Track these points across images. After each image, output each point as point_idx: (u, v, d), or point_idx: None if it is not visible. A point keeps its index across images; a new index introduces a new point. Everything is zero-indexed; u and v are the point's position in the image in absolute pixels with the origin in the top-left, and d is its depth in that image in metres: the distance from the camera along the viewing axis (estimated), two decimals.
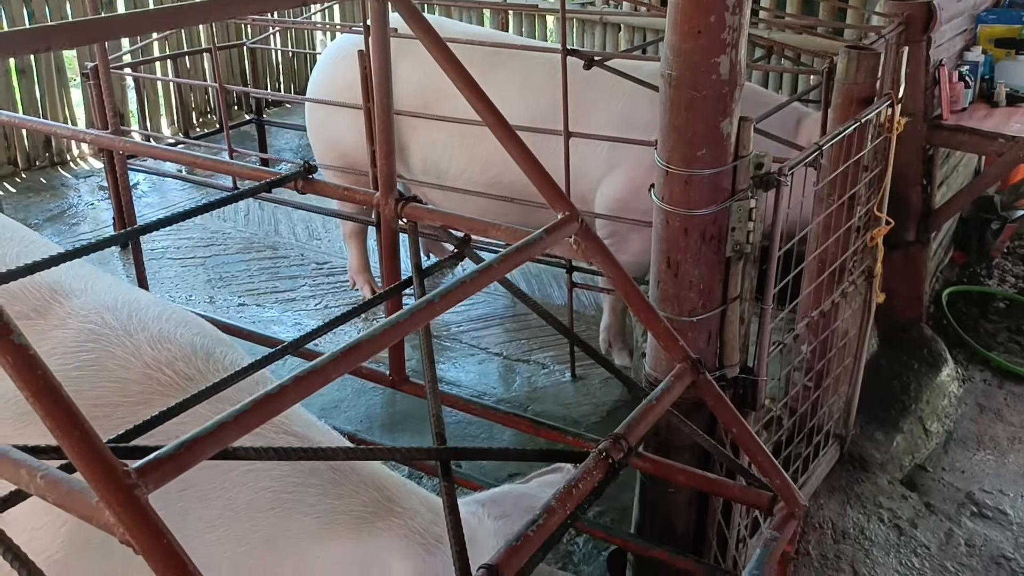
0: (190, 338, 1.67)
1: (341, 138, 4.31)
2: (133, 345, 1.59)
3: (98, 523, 1.01)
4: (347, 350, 1.23)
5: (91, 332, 1.61)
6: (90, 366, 1.56)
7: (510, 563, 1.19)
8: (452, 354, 4.31)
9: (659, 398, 1.58)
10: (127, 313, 1.67)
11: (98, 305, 1.67)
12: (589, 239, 1.69)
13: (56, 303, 1.67)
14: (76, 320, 1.63)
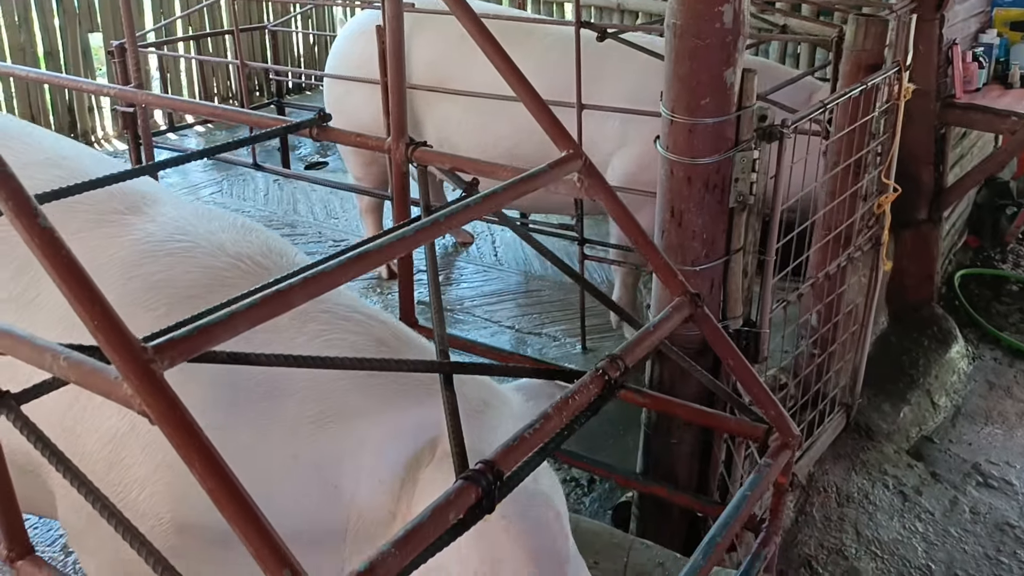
0: (264, 239, 1.82)
1: (358, 113, 4.38)
2: (217, 240, 1.75)
3: (117, 397, 1.08)
4: (355, 257, 1.29)
5: (178, 228, 1.76)
6: (180, 254, 1.71)
7: (506, 460, 1.25)
8: (465, 327, 4.37)
9: (657, 326, 1.63)
10: (209, 217, 1.84)
11: (183, 210, 1.84)
12: (593, 177, 1.74)
13: (146, 206, 1.83)
14: (165, 218, 1.79)
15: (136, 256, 1.74)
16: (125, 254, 1.75)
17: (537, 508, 1.49)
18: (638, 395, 1.93)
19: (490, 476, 1.21)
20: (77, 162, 1.98)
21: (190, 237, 1.77)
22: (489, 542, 1.43)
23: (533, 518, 1.48)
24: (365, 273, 1.34)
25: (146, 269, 1.71)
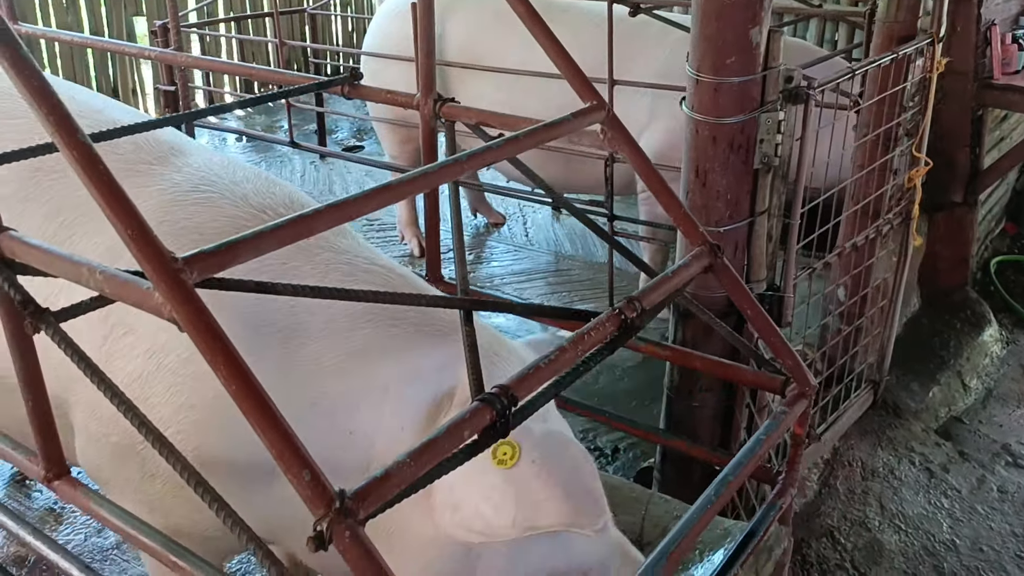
0: (288, 192, 1.89)
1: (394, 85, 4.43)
2: (241, 192, 1.81)
3: (148, 307, 1.13)
4: (380, 188, 1.34)
5: (204, 178, 1.82)
6: (205, 203, 1.77)
7: (520, 386, 1.28)
8: None
9: (676, 272, 1.65)
10: (233, 169, 1.89)
11: (209, 161, 1.90)
12: (615, 128, 1.77)
13: (174, 156, 1.88)
14: (191, 169, 1.85)
15: (163, 205, 1.79)
16: (153, 203, 1.80)
17: (562, 448, 1.52)
18: (658, 347, 1.96)
19: (504, 400, 1.25)
20: (107, 114, 2.05)
21: (215, 188, 1.82)
22: (523, 487, 1.46)
23: (563, 459, 1.50)
24: (388, 205, 1.38)
25: (172, 216, 1.76)
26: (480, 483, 1.48)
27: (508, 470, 1.48)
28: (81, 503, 1.48)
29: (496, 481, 1.47)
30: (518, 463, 1.48)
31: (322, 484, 1.05)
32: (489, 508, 1.47)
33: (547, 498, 1.45)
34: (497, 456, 1.48)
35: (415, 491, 1.17)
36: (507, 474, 1.47)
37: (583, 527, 1.48)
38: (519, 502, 1.46)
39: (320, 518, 1.04)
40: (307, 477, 1.05)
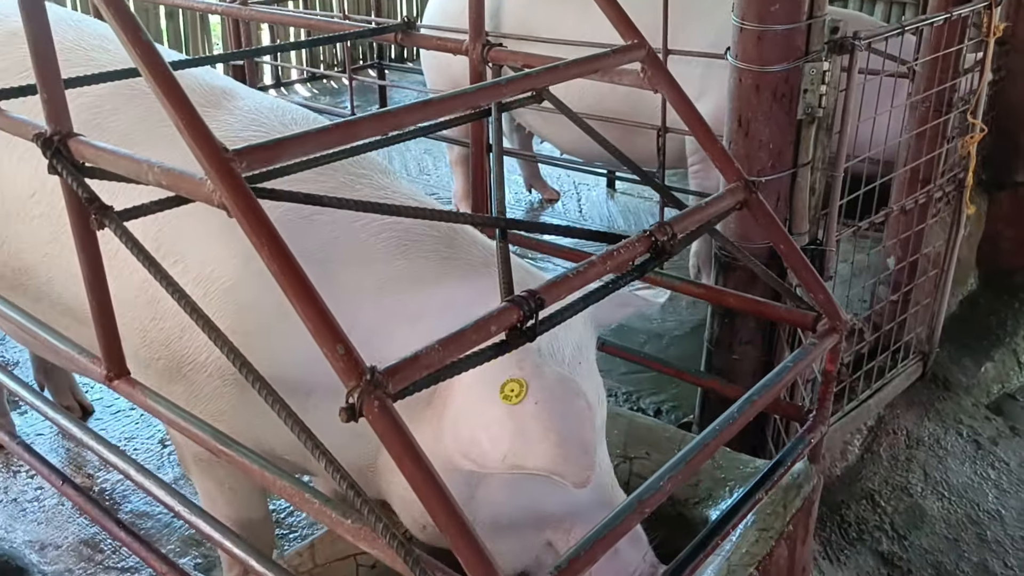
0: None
1: (452, 63, 4.52)
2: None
3: (201, 196, 1.22)
4: (420, 103, 1.41)
5: (255, 119, 1.90)
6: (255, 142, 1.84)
7: (549, 292, 1.34)
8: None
9: (709, 203, 1.69)
10: (282, 111, 1.97)
11: (260, 104, 1.98)
12: (655, 68, 1.81)
13: (226, 100, 1.97)
14: (242, 111, 1.93)
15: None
16: None
17: (569, 396, 1.51)
18: (693, 286, 2.00)
19: (532, 303, 1.31)
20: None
21: (265, 128, 1.89)
22: (520, 425, 1.47)
23: (566, 406, 1.49)
24: (426, 120, 1.44)
25: None
26: (483, 413, 1.50)
27: (512, 406, 1.49)
28: (139, 400, 1.59)
29: (498, 414, 1.49)
30: (523, 401, 1.49)
31: (355, 357, 1.13)
32: (486, 439, 1.49)
33: (539, 441, 1.45)
34: (504, 391, 1.50)
35: (442, 379, 1.23)
36: (510, 410, 1.48)
37: (567, 477, 1.45)
38: (513, 439, 1.47)
39: (352, 389, 1.11)
40: (341, 351, 1.13)
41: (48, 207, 1.97)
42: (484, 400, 1.50)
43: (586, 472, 1.45)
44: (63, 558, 2.62)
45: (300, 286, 1.14)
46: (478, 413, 1.51)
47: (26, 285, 2.07)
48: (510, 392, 1.50)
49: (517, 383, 1.50)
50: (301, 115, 2.01)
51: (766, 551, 1.74)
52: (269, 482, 1.38)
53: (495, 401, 1.49)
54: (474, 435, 1.52)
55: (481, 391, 1.51)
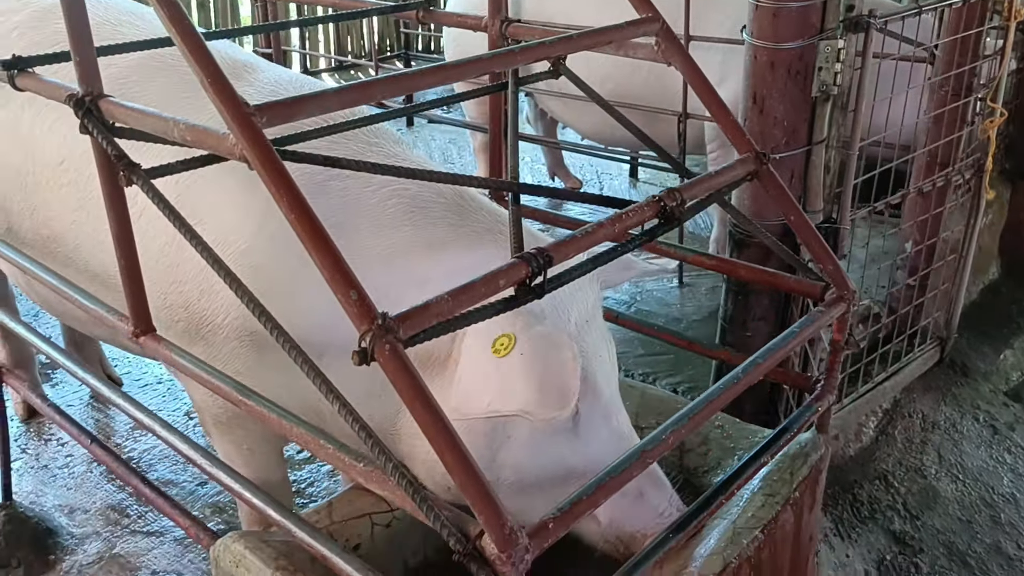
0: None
1: (473, 49, 4.57)
2: None
3: (223, 149, 1.28)
4: (436, 67, 1.45)
5: (273, 91, 1.95)
6: None
7: (557, 250, 1.38)
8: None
9: (720, 172, 1.73)
10: (300, 83, 2.05)
11: (279, 76, 2.04)
12: (669, 40, 1.85)
13: (248, 73, 2.03)
14: (262, 83, 1.99)
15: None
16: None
17: (554, 348, 1.55)
18: (705, 257, 2.03)
19: (540, 260, 1.35)
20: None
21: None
22: (504, 374, 1.53)
23: (549, 356, 1.53)
24: (440, 84, 1.49)
25: None
26: (475, 365, 1.57)
27: (499, 359, 1.54)
28: (163, 355, 1.65)
29: (487, 367, 1.55)
30: (510, 354, 1.54)
31: (367, 303, 1.18)
32: (473, 389, 1.56)
33: (521, 388, 1.51)
34: (495, 345, 1.55)
35: (451, 329, 1.27)
36: (498, 362, 1.54)
37: (538, 415, 1.52)
38: (497, 387, 1.53)
39: (364, 333, 1.16)
40: (354, 296, 1.18)
41: (76, 174, 2.03)
42: (478, 355, 1.57)
43: (561, 409, 1.51)
44: (91, 521, 2.70)
45: (317, 235, 1.20)
46: (471, 366, 1.58)
47: (55, 253, 2.14)
48: (500, 346, 1.56)
49: (507, 337, 1.56)
50: (320, 87, 2.06)
51: (772, 515, 1.77)
52: (286, 429, 1.44)
53: (486, 355, 1.55)
54: (467, 388, 1.58)
55: (477, 347, 1.58)
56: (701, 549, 1.69)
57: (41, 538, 2.58)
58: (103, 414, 3.23)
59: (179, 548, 2.60)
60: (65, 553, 2.57)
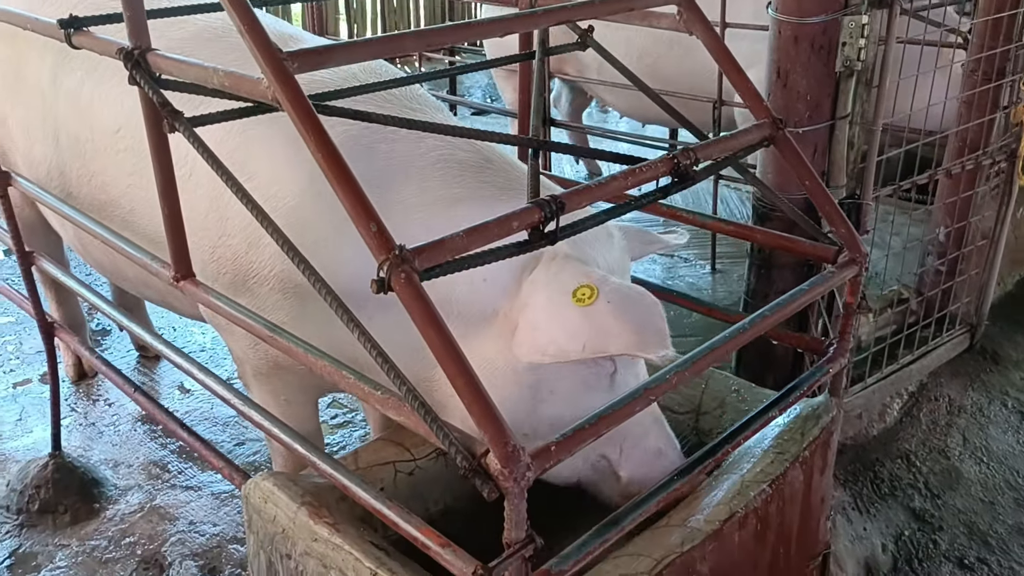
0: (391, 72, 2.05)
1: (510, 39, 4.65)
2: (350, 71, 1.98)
3: (257, 93, 1.37)
4: (463, 24, 1.54)
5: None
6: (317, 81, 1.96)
7: (570, 198, 1.45)
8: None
9: (735, 134, 1.78)
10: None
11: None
12: (691, 11, 1.91)
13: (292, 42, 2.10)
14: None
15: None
16: None
17: (637, 294, 1.66)
18: (722, 223, 2.08)
19: (553, 206, 1.42)
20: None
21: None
22: (598, 320, 1.62)
23: (636, 302, 1.64)
24: (464, 40, 1.57)
25: None
26: (559, 315, 1.66)
27: (585, 307, 1.64)
28: (201, 298, 1.76)
29: (573, 315, 1.64)
30: (596, 302, 1.64)
31: (386, 235, 1.26)
32: (563, 335, 1.64)
33: (619, 330, 1.60)
34: (576, 295, 1.65)
35: (465, 267, 1.35)
36: (584, 310, 1.64)
37: (647, 353, 1.60)
38: (592, 331, 1.62)
39: (382, 263, 1.24)
40: (373, 228, 1.26)
41: (132, 140, 2.15)
42: (558, 306, 1.66)
43: (663, 350, 1.59)
44: (133, 475, 2.83)
45: (340, 171, 1.28)
46: (553, 317, 1.66)
47: (110, 217, 2.26)
48: (582, 295, 1.66)
49: (588, 288, 1.66)
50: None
51: (780, 471, 1.82)
52: (311, 363, 1.53)
53: (568, 304, 1.65)
54: (551, 336, 1.66)
55: (554, 301, 1.67)
56: (709, 499, 1.75)
57: (87, 487, 2.72)
58: (148, 378, 3.37)
59: (215, 502, 2.72)
60: (109, 502, 2.71)
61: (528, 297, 1.71)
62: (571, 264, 1.71)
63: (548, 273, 1.72)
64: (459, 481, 2.11)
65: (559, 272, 1.70)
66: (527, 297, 1.71)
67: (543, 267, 1.73)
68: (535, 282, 1.72)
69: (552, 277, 1.70)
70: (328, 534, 1.67)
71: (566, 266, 1.71)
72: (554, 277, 1.70)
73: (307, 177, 1.86)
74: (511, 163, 1.89)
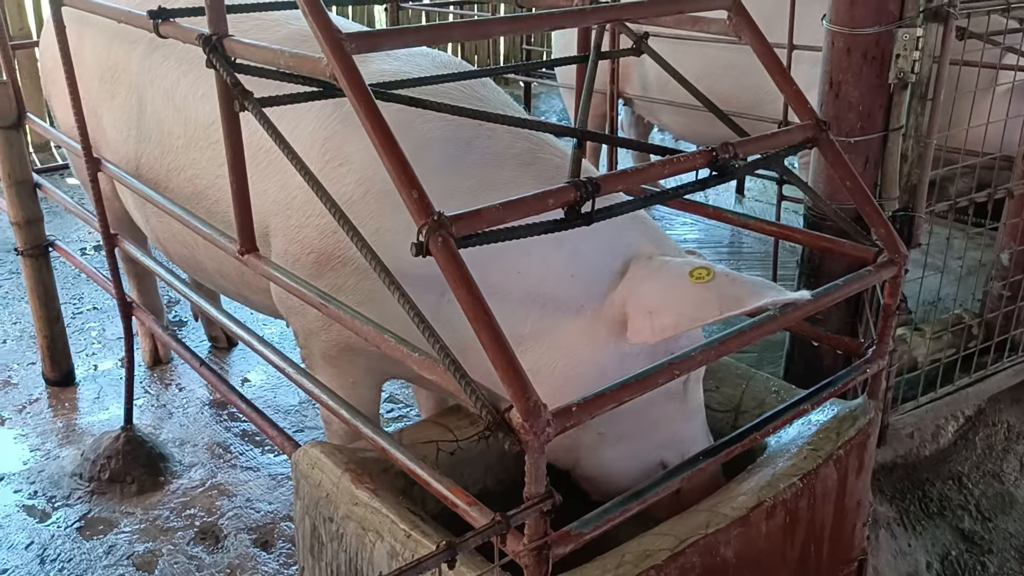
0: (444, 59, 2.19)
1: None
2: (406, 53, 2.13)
3: (317, 71, 1.49)
4: (513, 17, 1.63)
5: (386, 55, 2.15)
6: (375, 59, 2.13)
7: (605, 180, 1.53)
8: None
9: (777, 135, 1.83)
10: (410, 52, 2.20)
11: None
12: (741, 15, 1.97)
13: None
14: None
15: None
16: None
17: (743, 277, 1.75)
18: (765, 224, 2.12)
19: (589, 187, 1.50)
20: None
21: (391, 56, 2.15)
22: (724, 290, 1.71)
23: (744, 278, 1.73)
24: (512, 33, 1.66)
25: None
26: (685, 293, 1.75)
27: (707, 283, 1.75)
28: (264, 271, 1.88)
29: (698, 290, 1.74)
30: (715, 278, 1.74)
31: (427, 202, 1.35)
32: (692, 307, 1.73)
33: (747, 292, 1.68)
34: (694, 275, 1.77)
35: (501, 239, 1.43)
36: (708, 284, 1.74)
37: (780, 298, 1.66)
38: (723, 297, 1.71)
39: (421, 227, 1.33)
40: (415, 195, 1.36)
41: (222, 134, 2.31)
42: (680, 287, 1.77)
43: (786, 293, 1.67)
44: (198, 454, 2.98)
45: (386, 141, 1.38)
46: (678, 296, 1.76)
47: (196, 209, 2.40)
48: (700, 275, 1.77)
49: (704, 269, 1.77)
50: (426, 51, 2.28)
51: (812, 467, 1.84)
52: (357, 328, 1.63)
53: (690, 284, 1.76)
54: (679, 311, 1.75)
55: (674, 284, 1.78)
56: (739, 489, 1.78)
57: (154, 461, 2.87)
58: (217, 367, 3.53)
59: (272, 483, 2.84)
60: (173, 477, 2.86)
61: (631, 290, 1.82)
62: (674, 258, 1.86)
63: (651, 267, 1.84)
64: (499, 464, 2.19)
65: (664, 263, 1.83)
66: (629, 290, 1.82)
67: (642, 264, 1.85)
68: (636, 277, 1.83)
69: (658, 268, 1.83)
70: (368, 498, 1.76)
71: (669, 260, 1.85)
72: (662, 267, 1.83)
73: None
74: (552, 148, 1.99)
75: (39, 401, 3.30)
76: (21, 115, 3.03)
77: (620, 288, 1.83)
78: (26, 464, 2.94)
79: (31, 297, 3.25)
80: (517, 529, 1.33)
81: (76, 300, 4.07)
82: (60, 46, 2.43)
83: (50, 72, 3.01)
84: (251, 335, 2.09)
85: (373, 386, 2.35)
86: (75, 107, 2.48)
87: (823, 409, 2.00)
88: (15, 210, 3.10)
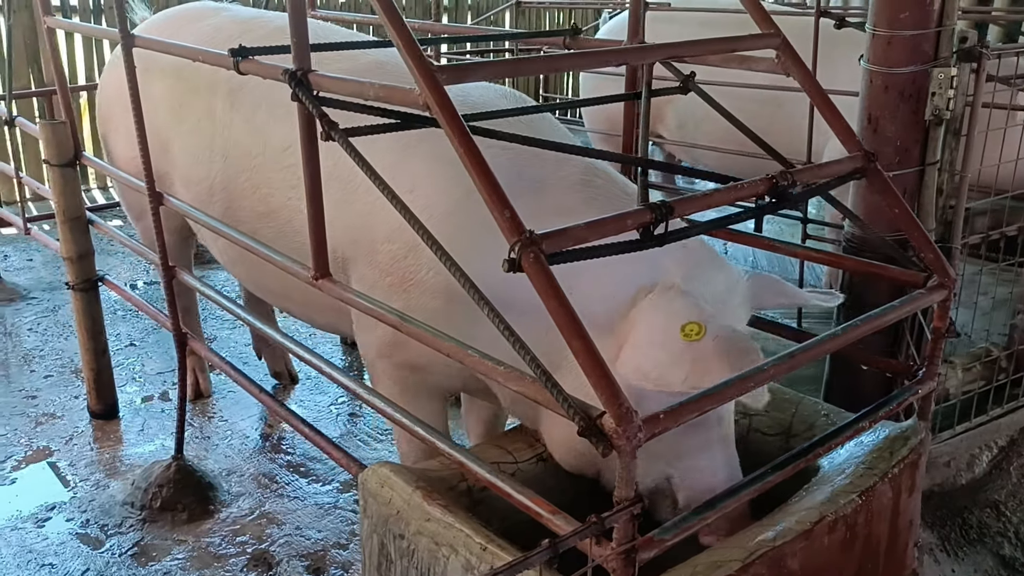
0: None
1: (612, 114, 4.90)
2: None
3: (410, 101, 1.58)
4: (575, 53, 1.74)
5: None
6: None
7: (679, 204, 1.61)
8: None
9: (828, 165, 1.93)
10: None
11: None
12: (789, 55, 2.08)
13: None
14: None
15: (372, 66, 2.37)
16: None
17: (743, 342, 1.76)
18: (812, 251, 2.20)
19: (663, 209, 1.58)
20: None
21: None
22: (700, 357, 1.74)
23: (739, 347, 1.74)
24: (580, 67, 1.77)
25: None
26: (665, 346, 1.78)
27: (692, 342, 1.76)
28: (337, 294, 1.96)
29: (680, 348, 1.77)
30: (703, 339, 1.76)
31: (518, 220, 1.44)
32: (667, 362, 1.77)
33: (719, 372, 1.68)
34: (685, 331, 1.78)
35: (585, 257, 1.51)
36: (690, 345, 1.76)
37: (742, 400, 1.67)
38: (694, 367, 1.73)
39: (513, 244, 1.42)
40: (507, 215, 1.44)
41: (297, 158, 2.39)
42: (666, 336, 1.79)
43: (761, 398, 1.70)
44: (244, 483, 3.03)
45: (479, 165, 1.47)
46: (660, 345, 1.79)
47: (264, 230, 2.49)
48: (690, 331, 1.78)
49: (696, 325, 1.78)
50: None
51: (870, 484, 1.90)
52: (439, 345, 1.70)
53: (676, 339, 1.78)
54: (656, 360, 1.78)
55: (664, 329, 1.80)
56: (801, 504, 1.84)
57: (203, 490, 2.92)
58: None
59: (320, 511, 2.89)
60: (222, 505, 2.90)
61: (637, 319, 1.84)
62: (684, 297, 1.83)
63: (662, 300, 1.84)
64: (558, 488, 2.24)
65: (672, 302, 1.83)
66: (636, 319, 1.84)
67: (658, 294, 1.86)
68: (647, 308, 1.85)
69: (665, 305, 1.83)
70: (441, 514, 1.81)
71: (679, 299, 1.83)
72: (667, 305, 1.83)
73: (464, 188, 1.97)
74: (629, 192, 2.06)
75: (84, 433, 3.35)
76: (78, 153, 3.14)
77: (631, 314, 1.86)
78: (76, 494, 2.98)
79: (79, 330, 3.32)
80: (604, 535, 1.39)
81: (113, 337, 4.14)
82: (129, 84, 2.53)
83: (107, 112, 3.12)
84: (323, 362, 2.15)
85: (437, 399, 2.40)
86: (141, 142, 2.58)
87: (874, 431, 2.06)
88: (68, 245, 3.19)
